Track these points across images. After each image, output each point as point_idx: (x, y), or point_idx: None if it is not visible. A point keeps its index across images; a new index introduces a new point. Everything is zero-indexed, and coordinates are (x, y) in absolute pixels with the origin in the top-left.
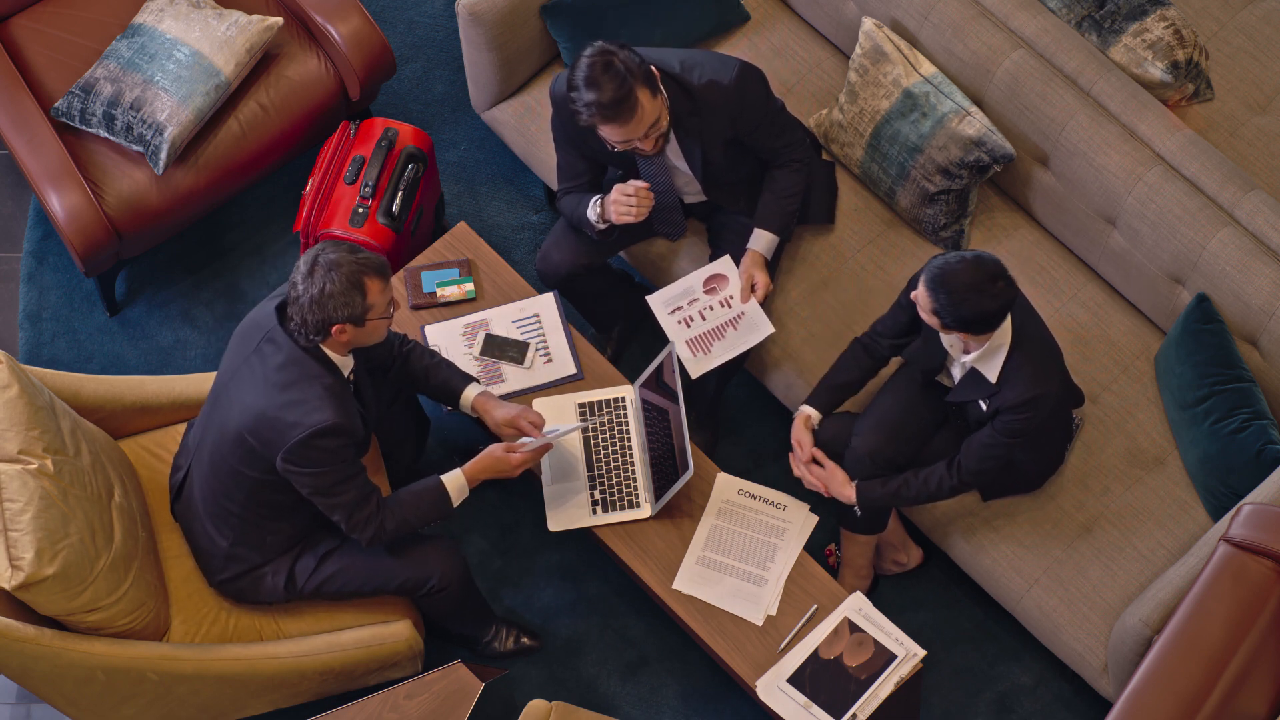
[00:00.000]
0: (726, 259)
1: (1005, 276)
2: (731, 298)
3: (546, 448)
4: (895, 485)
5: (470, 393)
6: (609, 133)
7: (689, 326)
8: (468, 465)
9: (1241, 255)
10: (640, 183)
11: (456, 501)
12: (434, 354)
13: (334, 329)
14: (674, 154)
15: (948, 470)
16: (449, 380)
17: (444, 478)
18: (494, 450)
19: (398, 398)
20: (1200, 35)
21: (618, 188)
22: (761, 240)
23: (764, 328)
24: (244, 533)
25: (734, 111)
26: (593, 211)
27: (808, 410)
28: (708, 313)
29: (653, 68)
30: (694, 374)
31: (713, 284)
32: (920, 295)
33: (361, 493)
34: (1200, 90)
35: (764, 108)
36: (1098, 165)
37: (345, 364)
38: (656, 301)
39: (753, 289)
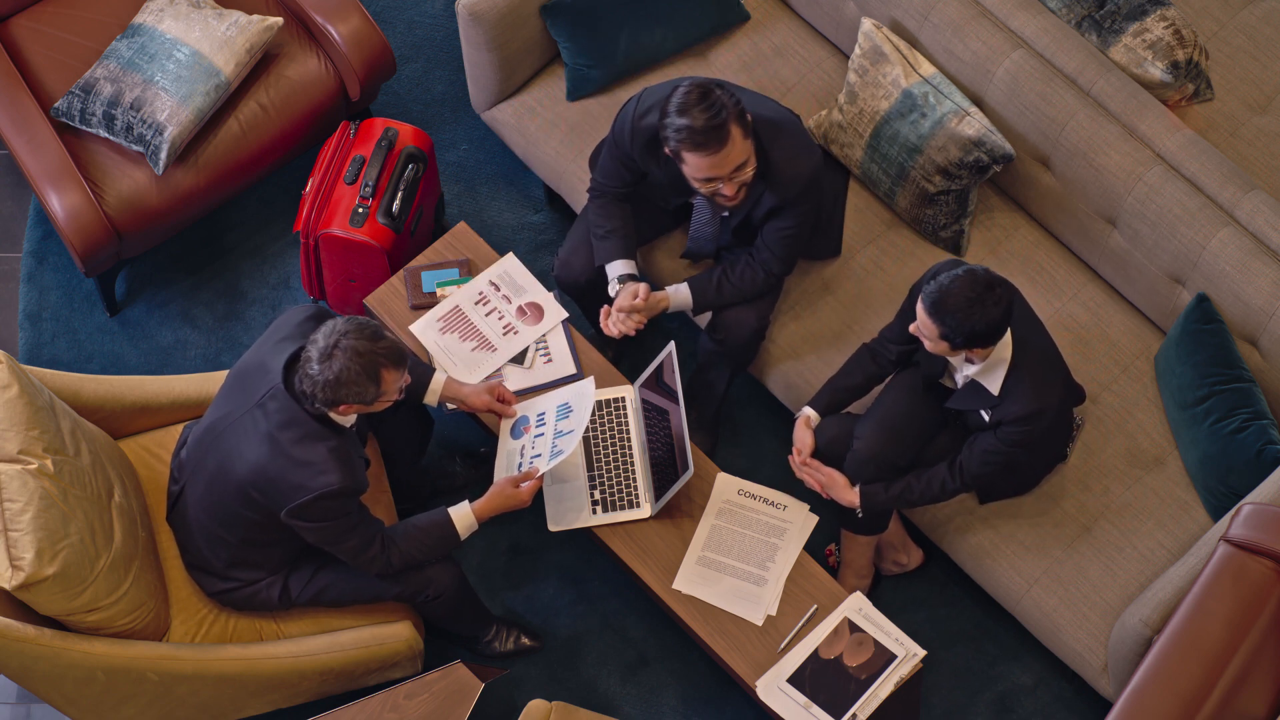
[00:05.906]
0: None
1: (1000, 281)
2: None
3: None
4: (898, 489)
5: (439, 380)
6: (694, 163)
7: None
8: (478, 503)
9: (1241, 255)
10: (638, 290)
11: (464, 537)
12: None
13: (341, 407)
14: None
15: (949, 473)
16: (412, 372)
17: (452, 513)
18: (504, 488)
19: (401, 403)
20: (1200, 35)
21: (617, 306)
22: (679, 296)
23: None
24: (239, 556)
25: (794, 192)
26: (613, 288)
27: (809, 411)
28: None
29: (748, 115)
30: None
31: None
32: (924, 326)
33: (364, 538)
34: (1200, 90)
35: (814, 201)
36: (1098, 165)
37: (348, 420)
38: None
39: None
